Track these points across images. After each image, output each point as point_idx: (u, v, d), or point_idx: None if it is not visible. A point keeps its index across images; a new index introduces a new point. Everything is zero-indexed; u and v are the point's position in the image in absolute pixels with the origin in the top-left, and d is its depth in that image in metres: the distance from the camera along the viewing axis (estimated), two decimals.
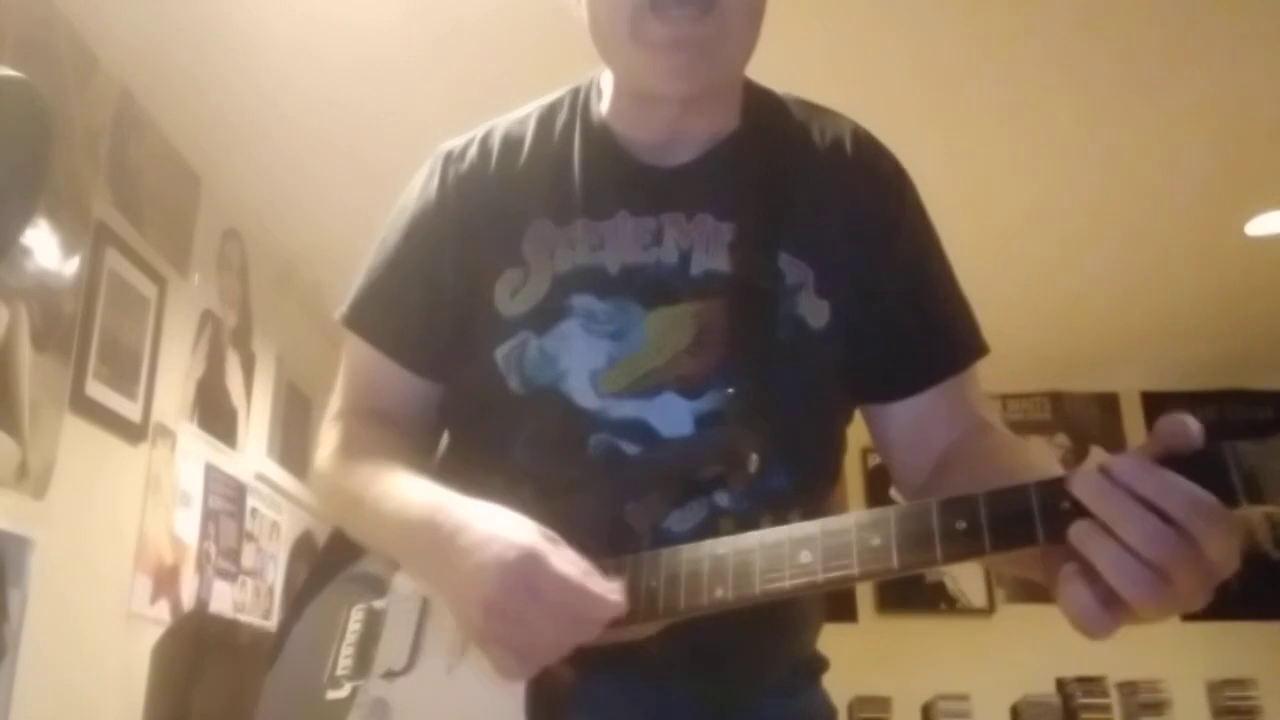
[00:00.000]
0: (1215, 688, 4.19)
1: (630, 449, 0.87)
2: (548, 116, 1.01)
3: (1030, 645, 4.20)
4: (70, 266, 2.23)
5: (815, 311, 0.90)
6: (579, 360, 0.88)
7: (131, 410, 2.46)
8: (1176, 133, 2.79)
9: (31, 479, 2.05)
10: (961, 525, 0.65)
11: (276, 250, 3.38)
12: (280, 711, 0.97)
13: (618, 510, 0.82)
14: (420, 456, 0.96)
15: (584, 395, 0.88)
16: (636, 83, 0.92)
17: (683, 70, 0.87)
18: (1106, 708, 4.10)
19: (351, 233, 3.32)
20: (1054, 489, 0.63)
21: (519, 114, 1.03)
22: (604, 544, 0.79)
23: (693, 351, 0.88)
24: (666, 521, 0.84)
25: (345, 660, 0.90)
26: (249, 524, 3.17)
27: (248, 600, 3.13)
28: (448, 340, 0.96)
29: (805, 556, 0.70)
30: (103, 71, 2.38)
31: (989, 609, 4.36)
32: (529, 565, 0.72)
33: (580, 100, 1.01)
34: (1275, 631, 4.25)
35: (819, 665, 0.98)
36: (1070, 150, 2.88)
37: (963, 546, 0.65)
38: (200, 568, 2.80)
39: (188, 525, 2.75)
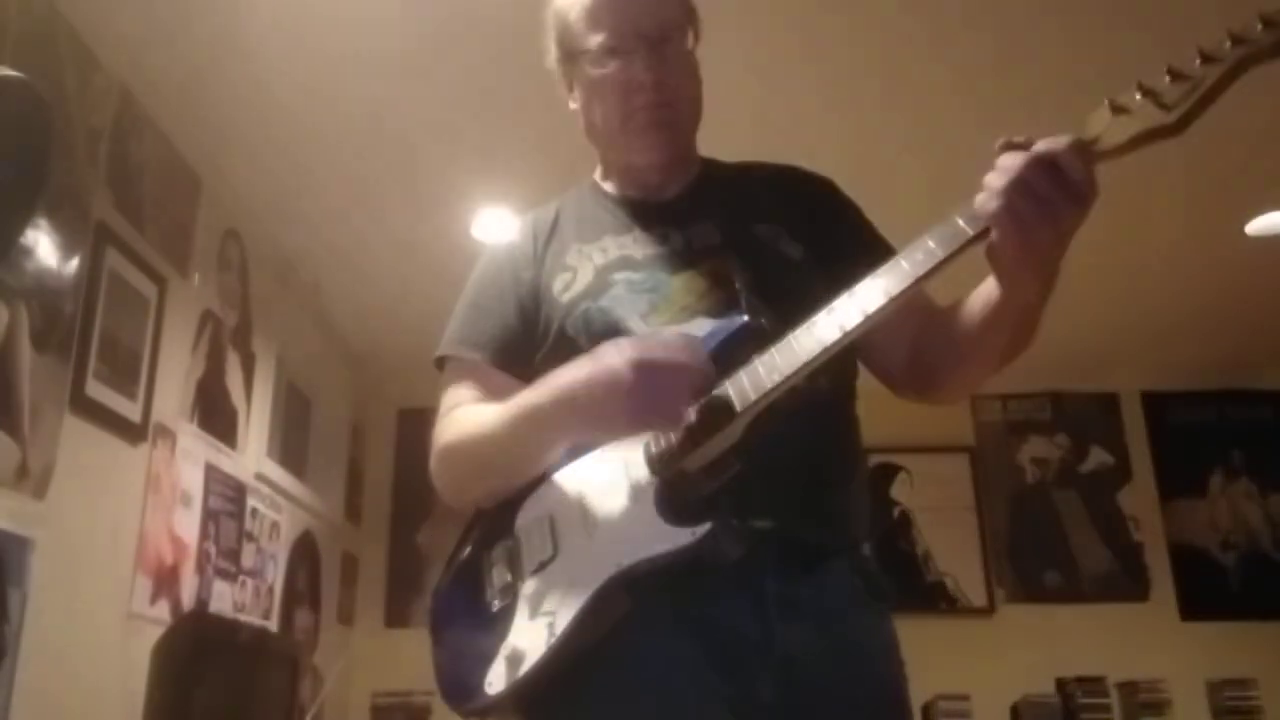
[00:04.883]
0: (1215, 688, 4.18)
1: None
2: (565, 199, 1.35)
3: (1030, 645, 4.21)
4: (70, 266, 2.23)
5: (793, 249, 1.21)
6: (629, 309, 1.16)
7: (131, 410, 2.46)
8: None
9: (31, 479, 2.05)
10: (932, 243, 0.97)
11: (276, 250, 3.38)
12: (460, 646, 1.13)
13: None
14: None
15: (639, 328, 1.13)
16: (628, 159, 1.29)
17: (660, 144, 1.25)
18: (1106, 708, 4.08)
19: (351, 233, 3.35)
20: (964, 210, 0.97)
21: (545, 206, 1.36)
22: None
23: (711, 289, 1.16)
24: None
25: (498, 579, 1.11)
26: (249, 524, 3.17)
27: (248, 600, 3.14)
28: (525, 335, 1.23)
29: (842, 300, 1.00)
30: (103, 71, 2.38)
31: (989, 609, 4.35)
32: (636, 354, 1.00)
33: (586, 184, 1.36)
34: (1275, 631, 4.25)
35: (885, 591, 1.16)
36: None
37: (926, 261, 0.97)
38: (200, 568, 2.81)
39: (188, 525, 2.75)
